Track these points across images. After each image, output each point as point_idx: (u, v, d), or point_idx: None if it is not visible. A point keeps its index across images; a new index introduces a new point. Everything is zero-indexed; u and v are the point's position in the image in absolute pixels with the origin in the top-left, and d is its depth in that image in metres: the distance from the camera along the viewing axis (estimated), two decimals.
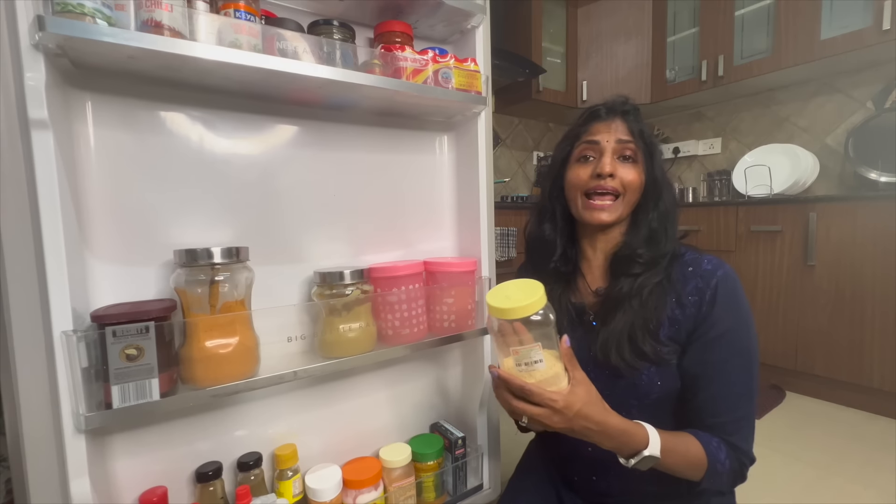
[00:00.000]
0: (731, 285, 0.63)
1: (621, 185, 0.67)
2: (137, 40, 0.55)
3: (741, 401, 0.63)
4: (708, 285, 0.63)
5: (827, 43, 1.86)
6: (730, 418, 0.62)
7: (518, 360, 0.56)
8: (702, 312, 0.63)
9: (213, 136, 0.75)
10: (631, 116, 0.70)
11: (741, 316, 0.63)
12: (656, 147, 0.70)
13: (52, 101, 0.55)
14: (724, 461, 0.61)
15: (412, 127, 0.98)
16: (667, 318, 0.64)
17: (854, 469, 1.30)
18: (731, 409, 0.63)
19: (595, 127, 0.70)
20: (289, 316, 0.80)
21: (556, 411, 0.54)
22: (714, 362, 0.63)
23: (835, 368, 1.71)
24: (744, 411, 0.63)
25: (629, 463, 0.59)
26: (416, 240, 1.00)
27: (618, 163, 0.67)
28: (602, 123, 0.69)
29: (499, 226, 2.04)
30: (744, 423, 0.63)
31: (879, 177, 1.85)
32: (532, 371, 0.56)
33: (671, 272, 0.66)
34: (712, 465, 0.60)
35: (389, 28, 0.84)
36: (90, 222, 0.65)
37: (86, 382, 0.56)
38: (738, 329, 0.63)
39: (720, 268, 0.64)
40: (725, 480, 0.62)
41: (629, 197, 0.68)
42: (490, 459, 1.01)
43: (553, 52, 2.63)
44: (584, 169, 0.69)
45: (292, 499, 0.78)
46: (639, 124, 0.69)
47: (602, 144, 0.68)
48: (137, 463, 0.70)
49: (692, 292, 0.64)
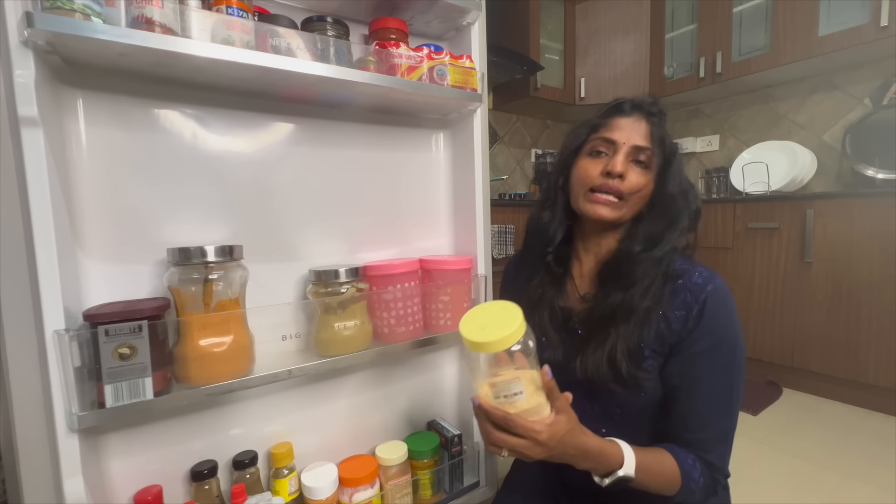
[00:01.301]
0: (720, 301, 0.60)
1: (629, 188, 0.63)
2: (128, 37, 0.54)
3: (719, 417, 0.62)
4: (696, 300, 0.60)
5: (825, 39, 1.86)
6: (706, 435, 0.61)
7: (497, 392, 0.52)
8: (687, 327, 0.61)
9: (207, 133, 0.75)
10: (656, 119, 0.66)
11: (728, 333, 0.61)
12: (675, 158, 0.65)
13: (43, 99, 0.54)
14: (699, 479, 0.60)
15: (408, 124, 0.98)
16: (653, 331, 0.62)
17: (850, 464, 1.31)
18: (708, 425, 0.61)
19: (616, 122, 0.65)
20: (284, 314, 0.80)
21: (538, 443, 0.52)
22: (694, 377, 0.61)
23: (831, 365, 1.71)
24: (721, 429, 0.62)
25: (603, 482, 0.58)
26: (412, 238, 0.99)
27: (630, 165, 0.64)
28: (624, 119, 0.65)
29: (496, 223, 2.03)
30: (720, 441, 0.62)
31: (877, 173, 1.85)
32: (513, 402, 0.52)
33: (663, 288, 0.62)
34: (686, 484, 0.60)
35: (384, 25, 0.84)
36: (82, 220, 0.65)
37: (78, 382, 0.56)
38: (721, 345, 0.61)
39: (710, 282, 0.61)
40: (698, 497, 0.62)
41: (634, 202, 0.64)
42: (486, 457, 1.01)
43: (551, 49, 2.62)
44: (594, 164, 0.65)
45: (288, 497, 0.78)
46: (661, 130, 0.65)
47: (618, 143, 0.64)
48: (132, 462, 0.70)
49: (679, 306, 0.61)
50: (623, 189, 0.63)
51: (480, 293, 0.93)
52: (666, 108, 0.68)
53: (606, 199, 0.64)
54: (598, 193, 0.64)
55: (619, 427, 0.66)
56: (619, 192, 0.63)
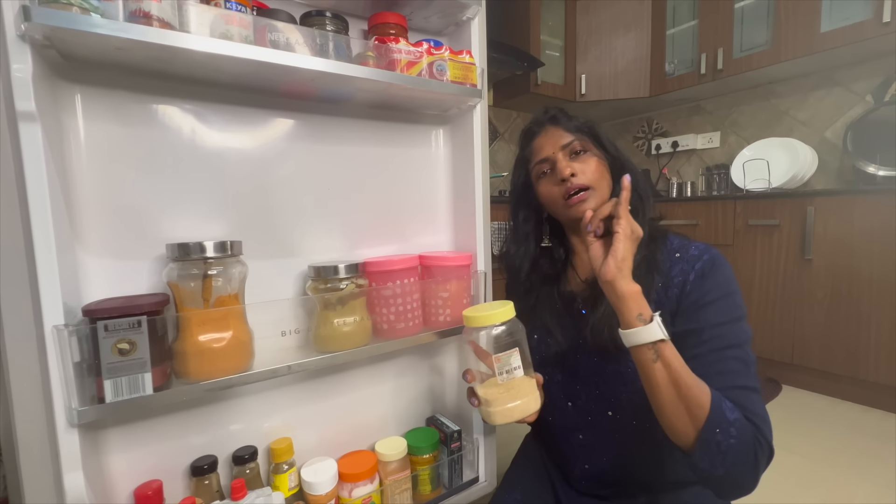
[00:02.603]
0: (717, 265, 0.64)
1: (586, 178, 0.69)
2: (125, 31, 0.54)
3: (736, 364, 0.57)
4: (693, 268, 0.64)
5: (827, 35, 1.85)
6: (729, 384, 0.55)
7: (500, 368, 0.62)
8: (685, 290, 0.63)
9: (206, 129, 0.75)
10: (560, 119, 0.74)
11: (730, 288, 0.63)
12: (598, 130, 0.74)
13: (40, 94, 0.54)
14: (732, 416, 0.52)
15: (408, 120, 0.97)
16: (653, 302, 0.63)
17: (849, 460, 1.31)
18: (728, 373, 0.57)
19: (535, 144, 0.75)
20: (283, 310, 0.80)
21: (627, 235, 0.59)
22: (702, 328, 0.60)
23: (830, 362, 1.72)
24: (744, 380, 0.56)
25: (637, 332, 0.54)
26: (412, 234, 0.99)
27: (573, 162, 0.70)
28: (539, 138, 0.75)
29: (496, 220, 2.03)
30: (748, 393, 0.56)
31: (878, 170, 1.84)
32: (512, 379, 0.62)
33: (655, 252, 0.67)
34: (717, 405, 0.52)
35: (383, 20, 0.84)
36: (81, 216, 0.65)
37: (78, 377, 0.56)
38: (724, 298, 0.62)
39: (707, 252, 0.65)
40: (735, 438, 0.51)
41: (601, 183, 0.70)
42: (486, 452, 1.01)
43: (552, 46, 2.61)
44: (548, 182, 0.73)
45: (288, 492, 0.79)
46: (571, 121, 0.74)
47: (550, 157, 0.72)
48: (132, 457, 0.70)
49: (678, 274, 0.65)
50: (583, 182, 0.69)
51: (480, 289, 0.93)
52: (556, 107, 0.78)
53: (579, 197, 0.69)
54: (572, 198, 0.70)
55: (626, 407, 0.68)
56: (581, 186, 0.69)
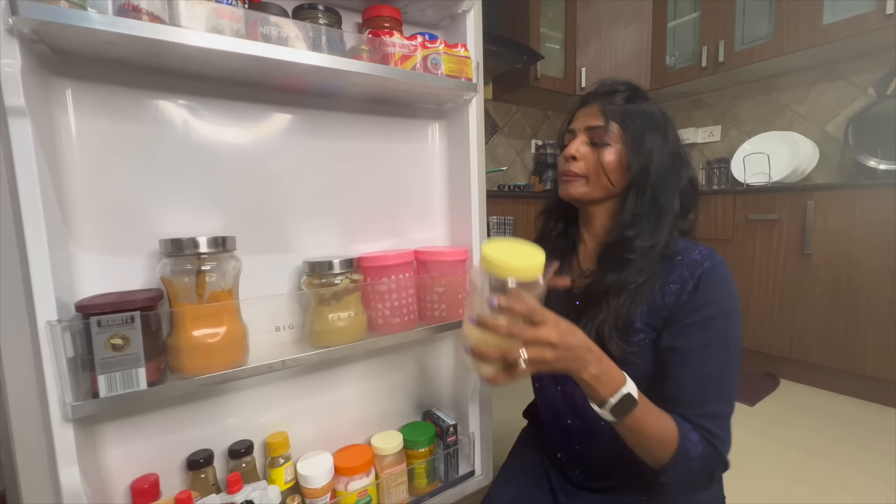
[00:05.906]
0: (716, 277, 0.60)
1: (587, 167, 0.67)
2: (114, 25, 0.54)
3: (711, 393, 0.59)
4: (692, 275, 0.61)
5: (829, 28, 1.83)
6: (700, 411, 0.58)
7: None
8: (680, 300, 0.60)
9: (199, 123, 0.74)
10: (614, 98, 0.68)
11: (722, 309, 0.60)
12: (647, 132, 0.65)
13: (30, 89, 0.54)
14: (696, 444, 0.56)
15: (403, 115, 0.97)
16: (646, 304, 0.62)
17: (846, 455, 1.32)
18: (701, 401, 0.59)
19: (578, 114, 0.72)
20: (277, 305, 0.80)
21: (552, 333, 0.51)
22: (686, 348, 0.60)
23: (829, 356, 1.72)
24: (714, 408, 0.59)
25: (608, 404, 0.54)
26: (407, 229, 0.99)
27: (588, 147, 0.68)
28: (584, 108, 0.71)
29: (496, 215, 2.02)
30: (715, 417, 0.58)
31: (879, 164, 1.83)
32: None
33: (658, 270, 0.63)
34: (682, 445, 0.56)
35: (377, 13, 0.83)
36: (74, 212, 0.65)
37: (72, 372, 0.56)
38: (715, 320, 0.59)
39: (709, 259, 0.61)
40: (696, 468, 0.56)
41: (601, 180, 0.67)
42: (482, 446, 1.02)
43: (552, 39, 2.59)
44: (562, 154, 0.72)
45: (284, 486, 0.79)
46: (620, 107, 0.66)
47: (576, 130, 0.70)
48: (128, 451, 0.71)
49: (675, 280, 0.62)
50: (578, 171, 0.68)
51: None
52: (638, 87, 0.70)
53: (566, 179, 0.70)
54: (564, 176, 0.70)
55: None
56: (575, 175, 0.68)
